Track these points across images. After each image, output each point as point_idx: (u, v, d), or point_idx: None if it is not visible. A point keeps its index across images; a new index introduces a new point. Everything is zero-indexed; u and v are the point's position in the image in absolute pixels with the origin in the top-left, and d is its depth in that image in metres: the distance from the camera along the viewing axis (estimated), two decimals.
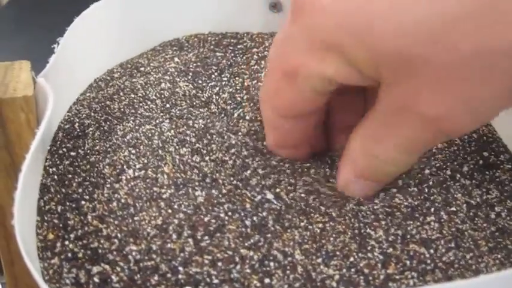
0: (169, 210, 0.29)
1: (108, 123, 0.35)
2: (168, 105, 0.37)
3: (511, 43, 0.24)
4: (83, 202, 0.29)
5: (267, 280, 0.27)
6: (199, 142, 0.34)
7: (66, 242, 0.27)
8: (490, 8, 0.24)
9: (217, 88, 0.39)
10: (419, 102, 0.26)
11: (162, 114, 0.36)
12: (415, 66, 0.25)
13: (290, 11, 0.29)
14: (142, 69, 0.40)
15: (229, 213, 0.30)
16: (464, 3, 0.24)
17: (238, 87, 0.39)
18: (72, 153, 0.32)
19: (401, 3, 0.25)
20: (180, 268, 0.27)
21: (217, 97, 0.38)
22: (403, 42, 0.25)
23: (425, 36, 0.25)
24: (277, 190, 0.31)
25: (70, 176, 0.31)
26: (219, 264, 0.27)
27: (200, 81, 0.39)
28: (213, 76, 0.40)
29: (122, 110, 0.36)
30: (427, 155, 0.35)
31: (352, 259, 0.28)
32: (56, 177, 0.30)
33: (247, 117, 0.37)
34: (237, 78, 0.40)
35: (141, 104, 0.37)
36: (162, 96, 0.37)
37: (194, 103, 0.38)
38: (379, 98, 0.28)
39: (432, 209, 0.31)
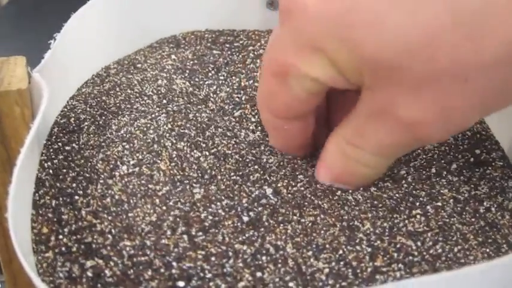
0: (164, 208, 0.29)
1: (103, 117, 0.35)
2: (164, 101, 0.37)
3: (483, 59, 0.25)
4: (77, 197, 0.29)
5: (258, 274, 0.27)
6: (199, 135, 0.34)
7: (60, 236, 0.28)
8: (466, 25, 0.25)
9: (215, 87, 0.39)
10: (397, 106, 0.27)
11: (158, 109, 0.36)
12: (394, 73, 0.26)
13: (279, 13, 0.29)
14: (139, 65, 0.40)
15: (227, 209, 0.30)
16: (443, 18, 0.25)
17: (235, 87, 0.39)
18: (67, 148, 0.32)
19: (382, 12, 0.25)
20: (174, 263, 0.27)
21: (214, 95, 0.39)
22: (383, 50, 0.26)
23: (404, 47, 0.26)
24: (279, 185, 0.32)
25: (64, 170, 0.31)
26: (213, 258, 0.27)
27: (197, 79, 0.40)
28: (210, 74, 0.40)
29: (118, 105, 0.36)
30: (415, 153, 0.35)
31: (341, 252, 0.28)
32: (51, 171, 0.31)
33: (253, 119, 0.37)
34: (233, 77, 0.40)
35: (137, 99, 0.37)
36: (159, 92, 0.38)
37: (191, 100, 0.38)
38: (359, 102, 0.29)
39: (417, 203, 0.31)
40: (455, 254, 0.28)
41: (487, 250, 0.28)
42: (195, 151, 0.33)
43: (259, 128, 0.36)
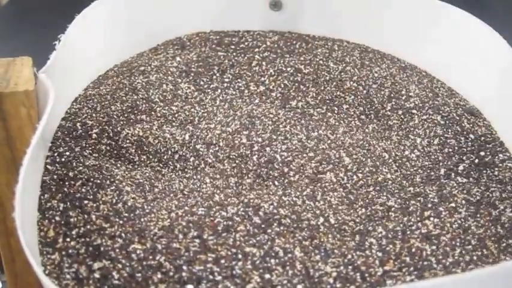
0: (179, 212, 0.29)
1: (111, 127, 0.35)
2: (172, 107, 0.37)
3: None
4: (86, 201, 0.29)
5: (267, 276, 0.27)
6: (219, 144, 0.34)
7: (68, 239, 0.27)
8: None
9: (219, 90, 0.39)
10: None
11: (164, 119, 0.36)
12: None
13: None
14: (142, 68, 0.40)
15: (241, 214, 0.30)
16: None
17: (242, 89, 0.40)
18: (74, 153, 0.32)
19: None
20: (184, 266, 0.27)
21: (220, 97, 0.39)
22: None
23: None
24: (302, 189, 0.32)
25: (72, 175, 0.30)
26: (222, 261, 0.27)
27: (202, 83, 0.40)
28: (214, 77, 0.40)
29: (123, 109, 0.36)
30: (419, 153, 0.35)
31: (350, 256, 0.28)
32: (55, 176, 0.30)
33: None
34: (239, 80, 0.40)
35: (143, 106, 0.37)
36: (165, 98, 0.37)
37: (198, 104, 0.38)
38: None
39: (429, 205, 0.31)
40: (476, 262, 0.28)
41: (507, 258, 0.28)
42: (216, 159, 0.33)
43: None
